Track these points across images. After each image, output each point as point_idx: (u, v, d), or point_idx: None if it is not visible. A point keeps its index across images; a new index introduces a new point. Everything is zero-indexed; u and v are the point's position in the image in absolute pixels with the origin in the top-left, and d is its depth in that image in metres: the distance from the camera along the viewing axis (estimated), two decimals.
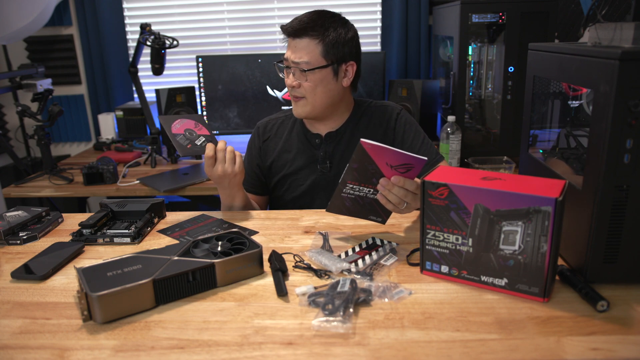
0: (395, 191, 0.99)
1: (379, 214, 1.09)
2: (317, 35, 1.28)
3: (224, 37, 2.63)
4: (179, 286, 0.85)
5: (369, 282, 0.88)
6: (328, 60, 1.30)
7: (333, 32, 1.29)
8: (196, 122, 1.23)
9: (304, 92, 1.31)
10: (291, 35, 1.30)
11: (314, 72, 1.29)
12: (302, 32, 1.28)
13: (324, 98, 1.33)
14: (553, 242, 0.77)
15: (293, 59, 1.30)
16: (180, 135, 1.20)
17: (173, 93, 2.12)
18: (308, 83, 1.30)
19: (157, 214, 1.23)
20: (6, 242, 1.11)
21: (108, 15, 2.50)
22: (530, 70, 1.08)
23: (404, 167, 0.97)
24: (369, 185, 1.02)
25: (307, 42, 1.28)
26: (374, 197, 1.04)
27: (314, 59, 1.29)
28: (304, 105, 1.34)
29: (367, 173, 1.00)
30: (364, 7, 2.55)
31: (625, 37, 0.83)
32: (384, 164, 0.97)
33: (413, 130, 1.39)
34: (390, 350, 0.71)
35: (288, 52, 1.32)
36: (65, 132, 2.76)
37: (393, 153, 0.95)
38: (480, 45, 1.98)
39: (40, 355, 0.72)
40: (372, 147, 0.95)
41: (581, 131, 1.11)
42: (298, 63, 1.29)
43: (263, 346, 0.73)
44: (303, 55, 1.28)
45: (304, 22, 1.29)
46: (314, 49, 1.28)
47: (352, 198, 1.06)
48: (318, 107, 1.33)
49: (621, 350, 0.69)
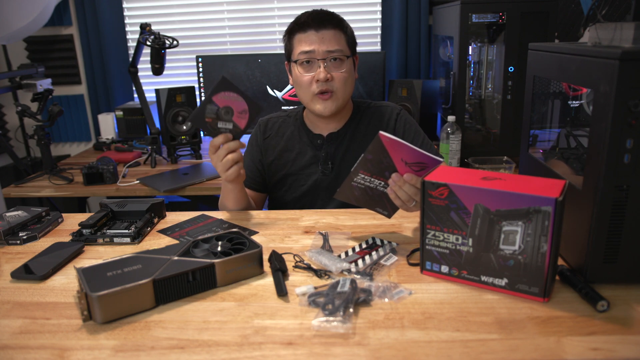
0: (406, 188, 0.99)
1: (386, 207, 1.09)
2: (341, 26, 1.29)
3: (224, 37, 2.63)
4: (179, 286, 0.85)
5: (369, 282, 0.88)
6: (351, 52, 1.31)
7: (347, 25, 1.32)
8: (246, 110, 1.09)
9: (336, 84, 1.29)
10: (316, 28, 1.27)
11: (349, 61, 1.29)
12: (328, 21, 1.28)
13: (350, 92, 1.33)
14: (553, 242, 0.77)
15: (326, 48, 1.27)
16: (213, 106, 1.08)
17: (173, 93, 2.12)
18: (343, 74, 1.28)
19: (157, 214, 1.23)
20: (6, 242, 1.11)
21: (108, 15, 2.50)
22: (530, 70, 1.08)
23: (418, 166, 0.97)
24: (380, 178, 1.02)
25: (334, 32, 1.28)
26: (383, 190, 1.04)
27: (345, 50, 1.29)
28: (336, 101, 1.31)
29: (380, 166, 0.99)
30: (364, 7, 2.55)
31: (625, 37, 0.83)
32: (399, 160, 0.97)
33: (413, 130, 1.39)
34: (390, 350, 0.71)
35: (312, 45, 1.27)
36: (65, 132, 2.76)
37: (410, 150, 0.95)
38: (480, 45, 1.98)
39: (40, 355, 0.72)
40: (390, 141, 0.94)
41: (581, 131, 1.11)
42: (333, 52, 1.27)
43: (263, 346, 0.73)
44: (335, 44, 1.27)
45: (325, 14, 1.29)
46: (341, 38, 1.29)
47: (361, 188, 1.05)
48: (345, 102, 1.33)
49: (621, 350, 0.69)
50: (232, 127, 1.12)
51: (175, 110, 2.14)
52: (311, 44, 1.28)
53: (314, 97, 1.31)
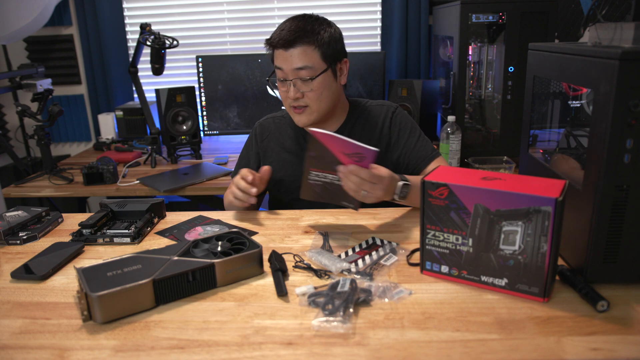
0: (352, 179, 1.01)
1: (350, 199, 1.08)
2: (311, 41, 1.24)
3: (224, 37, 2.63)
4: (179, 286, 0.85)
5: (369, 282, 0.88)
6: (327, 63, 1.27)
7: (324, 33, 1.26)
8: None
9: (308, 101, 1.28)
10: (283, 47, 1.25)
11: (319, 79, 1.26)
12: (296, 40, 1.23)
13: (328, 102, 1.30)
14: (553, 242, 0.77)
15: (293, 67, 1.24)
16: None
17: (173, 93, 2.12)
18: (313, 92, 1.26)
19: (157, 214, 1.23)
20: (6, 242, 1.11)
21: (108, 15, 2.50)
22: (530, 70, 1.08)
23: (356, 156, 0.98)
24: (332, 172, 1.03)
25: (303, 49, 1.24)
26: (339, 184, 1.05)
27: (317, 65, 1.25)
28: (309, 114, 1.30)
29: (326, 160, 1.01)
30: (364, 7, 2.55)
31: (625, 37, 0.83)
32: (339, 152, 0.99)
33: (408, 127, 1.38)
34: (390, 350, 0.71)
35: (282, 64, 1.26)
36: (65, 132, 2.76)
37: (343, 142, 0.96)
38: (480, 45, 1.98)
39: (40, 355, 0.72)
40: (322, 135, 0.96)
41: (581, 131, 1.11)
42: (300, 71, 1.24)
43: (263, 346, 0.73)
44: (304, 61, 1.24)
45: (294, 31, 1.24)
46: (312, 54, 1.24)
47: (320, 184, 1.07)
48: (323, 113, 1.31)
49: (621, 350, 0.69)
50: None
51: (175, 110, 2.14)
52: (281, 62, 1.27)
53: (290, 109, 1.33)
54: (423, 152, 1.35)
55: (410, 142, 1.36)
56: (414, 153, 1.36)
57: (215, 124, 2.38)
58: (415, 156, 1.35)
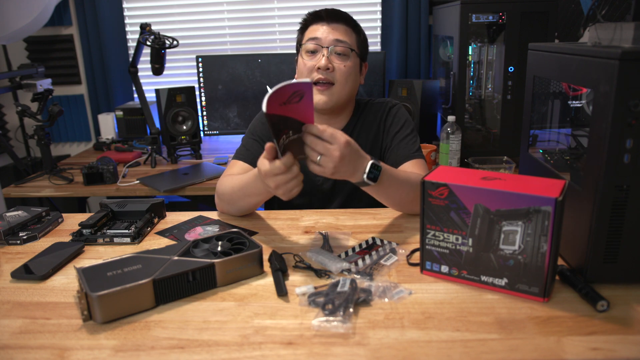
0: (306, 139, 0.91)
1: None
2: (353, 26, 1.29)
3: (224, 37, 2.63)
4: (179, 286, 0.85)
5: (369, 282, 0.88)
6: (360, 55, 1.31)
7: (362, 31, 1.32)
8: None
9: (337, 77, 1.25)
10: (329, 19, 1.28)
11: (353, 59, 1.27)
12: (342, 18, 1.28)
13: (350, 90, 1.30)
14: (553, 242, 0.77)
15: (334, 37, 1.25)
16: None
17: (173, 93, 2.12)
18: (345, 68, 1.26)
19: (157, 214, 1.23)
20: (6, 242, 1.11)
21: (108, 15, 2.50)
22: (530, 70, 1.08)
23: (296, 96, 0.86)
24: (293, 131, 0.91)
25: (348, 29, 1.28)
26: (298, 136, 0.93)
27: (354, 47, 1.29)
28: (331, 94, 1.26)
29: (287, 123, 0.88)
30: (364, 7, 2.55)
31: (625, 37, 0.83)
32: (281, 105, 0.85)
33: (401, 123, 1.36)
34: (390, 350, 0.71)
35: (321, 34, 1.26)
36: (65, 132, 2.76)
37: (278, 93, 0.82)
38: (480, 45, 1.98)
39: (40, 355, 0.72)
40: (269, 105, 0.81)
41: (581, 131, 1.11)
42: (339, 44, 1.25)
43: (263, 346, 0.73)
44: (344, 36, 1.26)
45: (341, 13, 1.29)
46: (351, 35, 1.28)
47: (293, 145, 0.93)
48: (342, 99, 1.30)
49: (621, 350, 0.69)
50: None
51: (175, 110, 2.14)
52: (321, 33, 1.27)
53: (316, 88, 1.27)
54: (406, 149, 1.31)
55: (397, 136, 1.34)
56: (397, 148, 1.32)
57: (215, 124, 2.38)
58: (396, 151, 1.32)
